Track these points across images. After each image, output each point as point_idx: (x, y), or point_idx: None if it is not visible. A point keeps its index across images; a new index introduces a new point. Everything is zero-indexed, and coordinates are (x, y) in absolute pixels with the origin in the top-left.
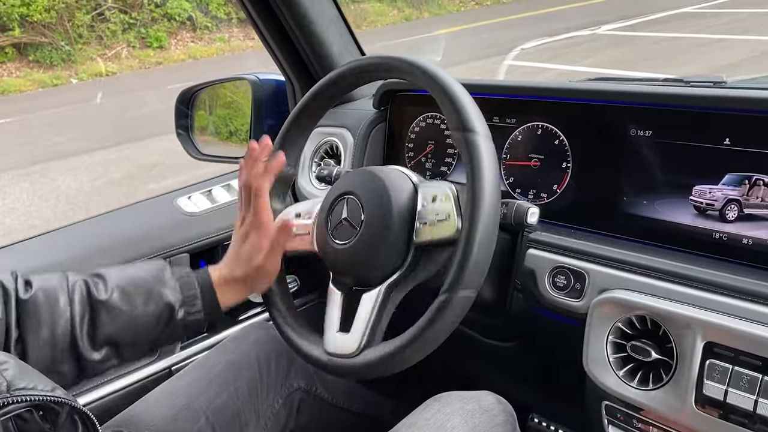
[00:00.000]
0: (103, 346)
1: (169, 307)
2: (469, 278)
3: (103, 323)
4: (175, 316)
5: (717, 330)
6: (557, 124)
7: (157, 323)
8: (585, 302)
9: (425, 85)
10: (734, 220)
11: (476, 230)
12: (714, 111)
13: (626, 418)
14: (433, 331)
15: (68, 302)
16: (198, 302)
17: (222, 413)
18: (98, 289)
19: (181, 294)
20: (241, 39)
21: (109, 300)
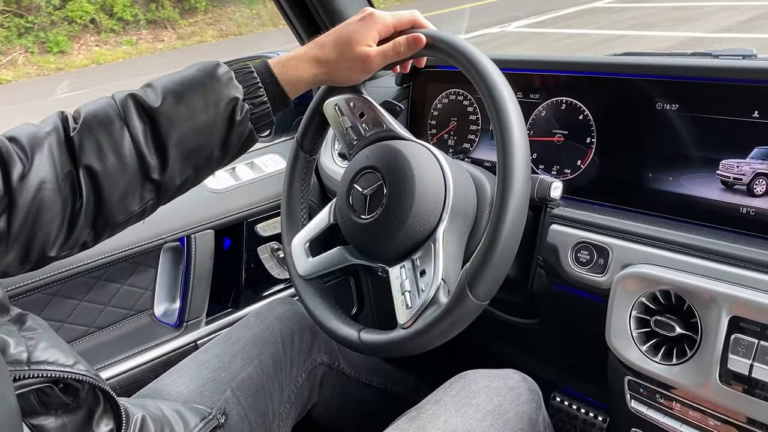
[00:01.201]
0: (172, 158)
1: (232, 102)
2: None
3: (165, 131)
4: (237, 111)
5: (743, 304)
6: (582, 99)
7: (220, 122)
8: (608, 277)
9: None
10: (762, 195)
11: (500, 240)
12: (743, 83)
13: (649, 394)
14: (453, 320)
15: (123, 122)
16: (261, 92)
17: (247, 386)
18: (149, 98)
19: (240, 87)
20: (150, 41)
21: (163, 106)
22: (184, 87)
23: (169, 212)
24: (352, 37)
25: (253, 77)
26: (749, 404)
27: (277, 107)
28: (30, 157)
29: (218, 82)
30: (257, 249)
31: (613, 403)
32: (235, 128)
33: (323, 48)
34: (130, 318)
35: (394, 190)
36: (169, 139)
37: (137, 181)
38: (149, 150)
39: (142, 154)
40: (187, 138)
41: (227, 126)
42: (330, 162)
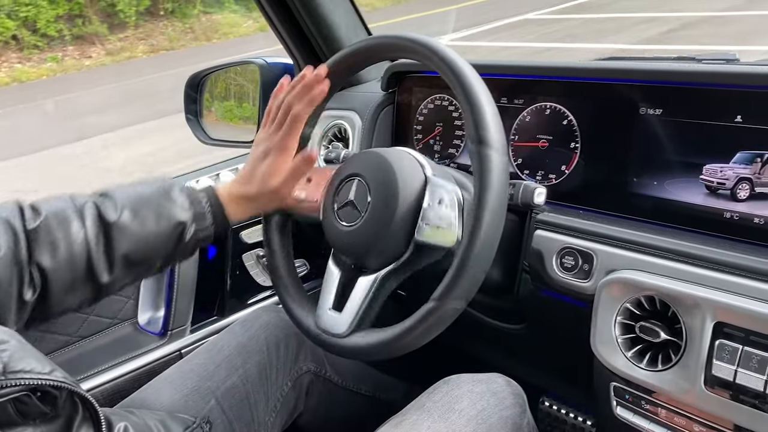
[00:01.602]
0: (118, 266)
1: (181, 225)
2: (460, 290)
3: (117, 243)
4: (186, 233)
5: (727, 310)
6: (566, 104)
7: (169, 240)
8: (593, 283)
9: (447, 80)
10: (746, 199)
11: (474, 247)
12: (727, 88)
13: (635, 400)
14: (416, 334)
15: (81, 224)
16: (208, 218)
17: (231, 395)
18: (108, 209)
19: (191, 211)
20: (77, 57)
21: (119, 220)
22: (141, 203)
23: None
24: (264, 172)
25: (202, 206)
26: (735, 410)
27: (219, 231)
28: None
29: (173, 204)
30: (242, 256)
31: (599, 409)
32: (180, 247)
33: (246, 186)
34: (114, 327)
35: (378, 196)
36: (119, 249)
37: (81, 281)
38: (99, 256)
39: (91, 258)
40: (136, 251)
41: (174, 244)
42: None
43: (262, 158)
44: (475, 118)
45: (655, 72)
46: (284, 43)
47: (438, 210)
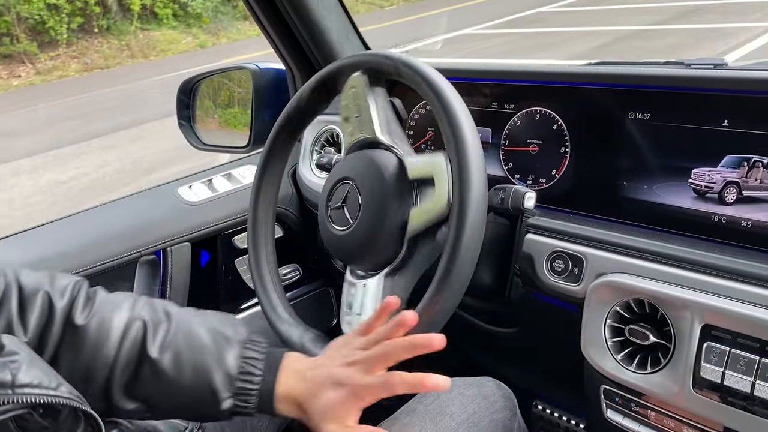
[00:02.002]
0: (136, 401)
1: (214, 395)
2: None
3: (144, 381)
4: (220, 404)
5: (715, 312)
6: (555, 109)
7: (199, 402)
8: (583, 286)
9: (425, 96)
10: (733, 203)
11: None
12: (714, 93)
13: (624, 402)
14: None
15: (117, 345)
16: (253, 401)
17: None
18: (154, 341)
19: (233, 387)
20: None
21: (159, 360)
22: (189, 350)
23: (144, 225)
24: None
25: (252, 389)
26: (723, 412)
27: (261, 413)
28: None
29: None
30: (235, 261)
31: (590, 412)
32: (209, 413)
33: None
34: None
35: (369, 200)
36: (144, 387)
37: (93, 394)
38: (120, 383)
39: (111, 382)
40: (160, 396)
41: (202, 408)
42: (309, 173)
43: (333, 386)
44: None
45: (644, 77)
46: (276, 49)
47: (422, 190)
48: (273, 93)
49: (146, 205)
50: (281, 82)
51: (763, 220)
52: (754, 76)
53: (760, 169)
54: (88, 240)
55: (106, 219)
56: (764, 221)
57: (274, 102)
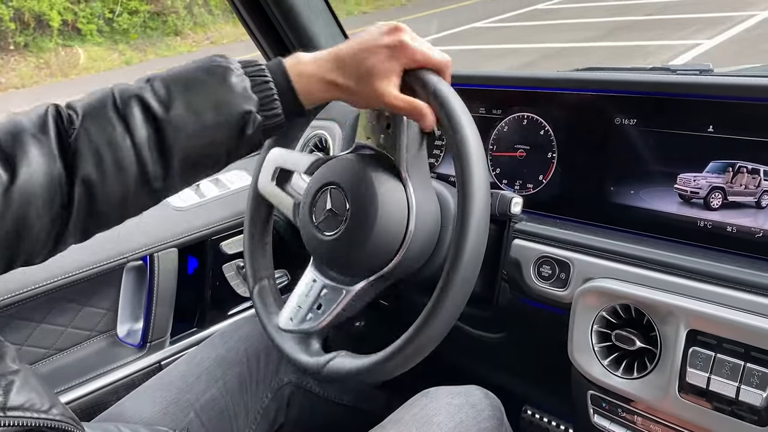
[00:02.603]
0: (175, 169)
1: (245, 116)
2: (437, 328)
3: (172, 143)
4: (249, 125)
5: (700, 318)
6: (542, 115)
7: (231, 134)
8: (570, 292)
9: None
10: (718, 208)
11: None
12: (699, 98)
13: (611, 408)
14: (386, 370)
15: (124, 126)
16: (276, 105)
17: (211, 408)
18: (155, 102)
19: (256, 97)
20: None
21: (172, 116)
22: (193, 93)
23: (131, 230)
24: (374, 70)
25: (269, 88)
26: (709, 417)
27: (290, 117)
28: (13, 166)
29: (231, 92)
30: (222, 267)
31: (577, 417)
32: (245, 140)
33: (342, 72)
34: (92, 339)
35: (357, 206)
36: (174, 149)
37: (136, 190)
38: (153, 159)
39: (144, 163)
40: (194, 150)
41: (236, 138)
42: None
43: (377, 46)
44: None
45: (630, 82)
46: (264, 54)
47: None
48: None
49: None
50: None
51: (747, 226)
52: (738, 83)
53: (745, 175)
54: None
55: None
56: (749, 226)
57: None
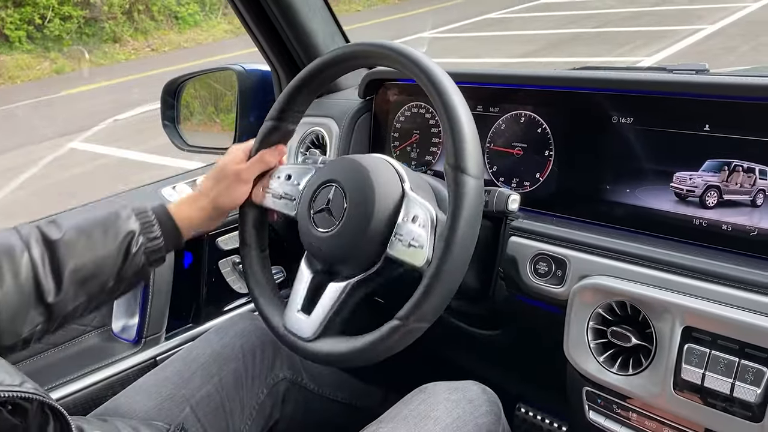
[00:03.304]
0: (67, 283)
1: (128, 235)
2: (424, 312)
3: (64, 259)
4: (133, 244)
5: (695, 315)
6: (540, 113)
7: (118, 253)
8: (566, 289)
9: (427, 92)
10: (714, 207)
11: (442, 272)
12: (695, 98)
13: (606, 404)
14: (379, 350)
15: (24, 247)
16: (156, 229)
17: (206, 403)
18: (52, 230)
19: (138, 222)
20: None
21: (64, 237)
22: (87, 222)
23: None
24: (223, 163)
25: (148, 215)
26: (703, 413)
27: (170, 243)
28: None
29: (118, 218)
30: (218, 262)
31: (572, 414)
32: (130, 260)
33: (202, 185)
34: (87, 334)
35: (355, 204)
36: (66, 264)
37: (30, 303)
38: (45, 274)
39: (38, 277)
40: (84, 265)
41: (123, 257)
42: None
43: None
44: (455, 144)
45: (627, 81)
46: (262, 51)
47: (411, 227)
48: (258, 94)
49: None
50: (267, 84)
51: (742, 224)
52: (734, 82)
53: (740, 174)
54: None
55: None
56: (744, 225)
57: (259, 103)
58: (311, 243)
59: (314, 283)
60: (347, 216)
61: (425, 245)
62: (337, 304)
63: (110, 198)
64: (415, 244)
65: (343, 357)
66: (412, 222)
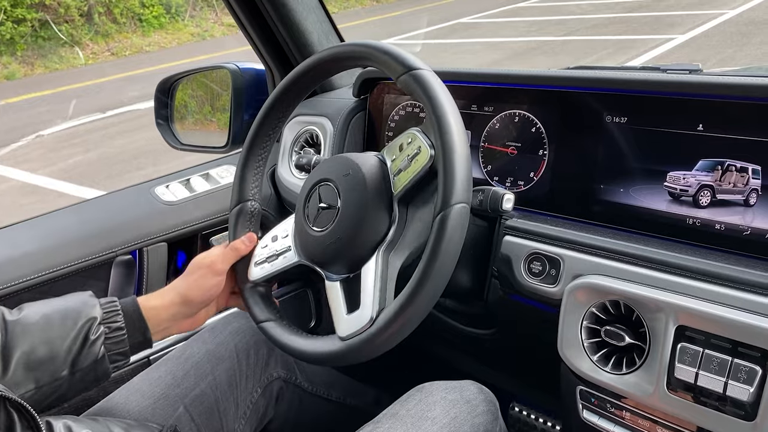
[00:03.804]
0: (16, 365)
1: (88, 322)
2: (458, 192)
3: (16, 340)
4: (93, 332)
5: (689, 314)
6: (534, 112)
7: (75, 339)
8: (560, 288)
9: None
10: (707, 206)
11: (452, 145)
12: (689, 97)
13: (600, 403)
14: (442, 253)
15: None
16: (119, 318)
17: (200, 403)
18: (13, 313)
19: (101, 310)
20: None
21: (21, 318)
22: (49, 306)
23: (120, 224)
24: (197, 256)
25: (115, 305)
26: (696, 412)
27: (134, 336)
28: None
29: (83, 304)
30: None
31: (566, 413)
32: (87, 348)
33: (178, 279)
34: None
35: (348, 201)
36: (17, 345)
37: None
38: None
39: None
40: (36, 348)
41: (80, 344)
42: (287, 174)
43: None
44: (393, 57)
45: (621, 81)
46: (256, 49)
47: (402, 154)
48: (252, 93)
49: (122, 205)
50: (261, 83)
51: (735, 223)
52: (727, 82)
53: (734, 173)
54: (61, 240)
55: (80, 218)
56: (737, 224)
57: (254, 102)
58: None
59: (347, 287)
60: (343, 207)
61: (422, 146)
62: (378, 279)
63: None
64: (413, 156)
65: (413, 300)
66: (400, 150)
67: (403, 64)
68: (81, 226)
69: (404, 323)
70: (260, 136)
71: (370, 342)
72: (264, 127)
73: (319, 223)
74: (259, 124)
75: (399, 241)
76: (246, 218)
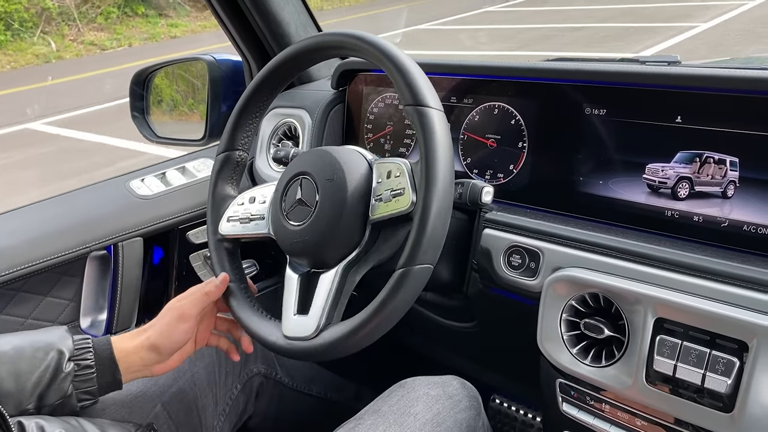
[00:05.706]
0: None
1: (58, 356)
2: (425, 253)
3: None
4: (63, 368)
5: (667, 306)
6: (513, 104)
7: (43, 373)
8: (539, 281)
9: (378, 62)
10: (686, 198)
11: (431, 204)
12: (667, 89)
13: (579, 396)
14: (390, 307)
15: None
16: (90, 356)
17: (179, 400)
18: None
19: (72, 345)
20: None
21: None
22: (22, 338)
23: (94, 219)
24: (172, 301)
25: (87, 341)
26: (675, 404)
27: (104, 376)
28: None
29: (56, 338)
30: (189, 257)
31: (545, 405)
32: (57, 384)
33: (153, 321)
34: None
35: (326, 195)
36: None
37: None
38: None
39: None
40: (4, 379)
41: (49, 379)
42: (265, 167)
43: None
44: (407, 81)
45: (599, 73)
46: (233, 41)
47: (388, 182)
48: (229, 85)
49: (96, 199)
50: (238, 74)
51: (713, 215)
52: (706, 74)
53: (711, 165)
54: (35, 235)
55: (53, 213)
56: (715, 216)
57: (231, 94)
58: (287, 239)
59: (304, 285)
60: (320, 205)
61: (406, 189)
62: (333, 292)
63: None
64: (396, 192)
65: (356, 333)
66: (387, 177)
67: (415, 96)
68: (54, 221)
69: (343, 349)
70: (266, 84)
71: (309, 353)
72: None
73: (293, 217)
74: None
75: (363, 259)
76: (231, 167)
